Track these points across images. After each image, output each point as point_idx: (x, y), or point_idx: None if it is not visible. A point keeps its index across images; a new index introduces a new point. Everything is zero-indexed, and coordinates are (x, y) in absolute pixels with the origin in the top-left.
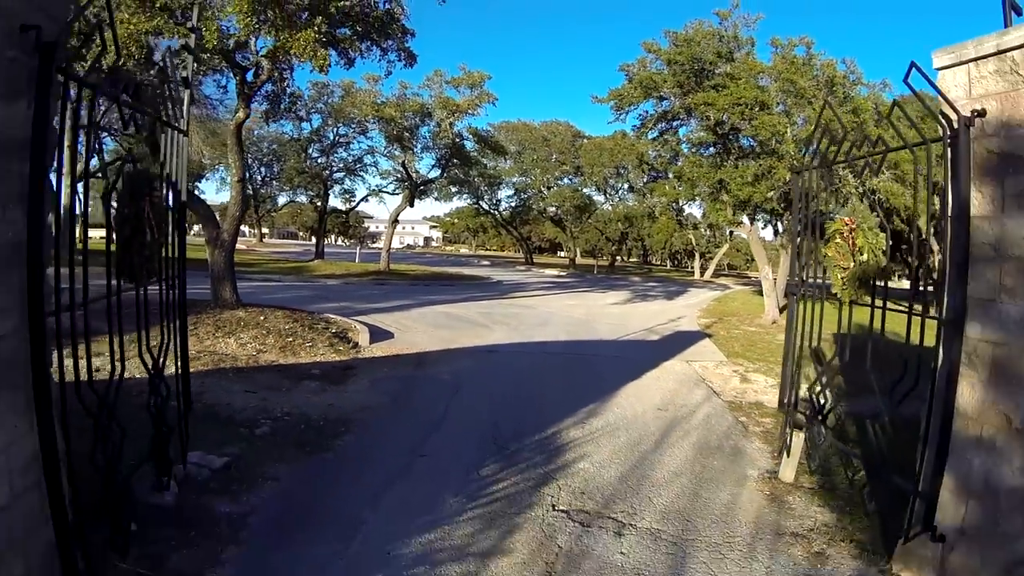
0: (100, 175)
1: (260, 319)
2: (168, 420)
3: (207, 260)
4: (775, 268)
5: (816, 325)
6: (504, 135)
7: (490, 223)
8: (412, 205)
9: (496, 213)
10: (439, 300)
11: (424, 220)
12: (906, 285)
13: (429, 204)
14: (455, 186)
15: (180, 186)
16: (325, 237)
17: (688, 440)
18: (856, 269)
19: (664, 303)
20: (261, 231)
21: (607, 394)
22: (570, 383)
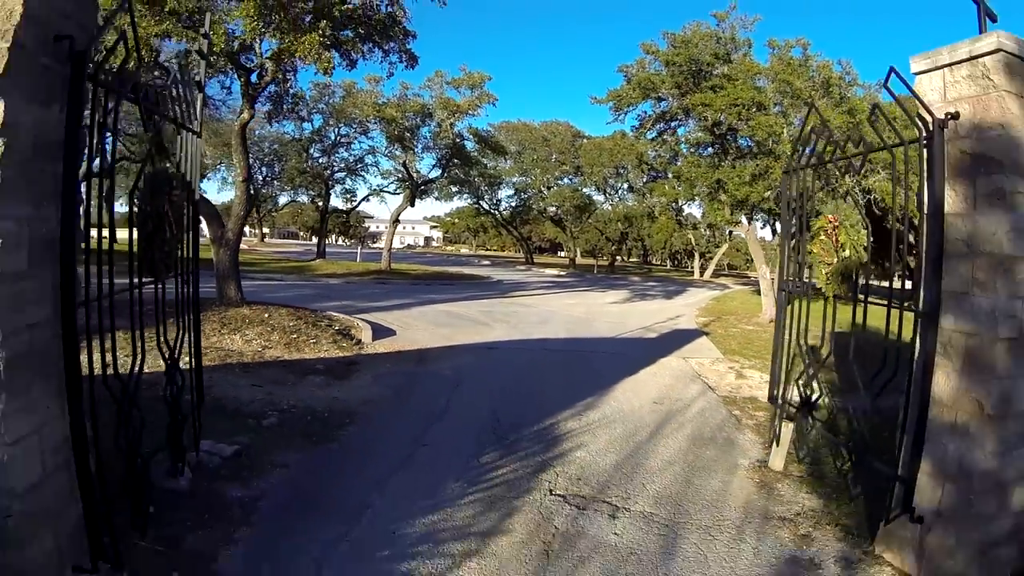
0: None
1: (264, 316)
2: (183, 409)
3: (212, 259)
4: (773, 268)
5: (805, 321)
6: (504, 135)
7: (490, 223)
8: (413, 205)
9: (496, 213)
10: (440, 299)
11: (425, 220)
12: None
13: (430, 204)
14: (455, 186)
15: (194, 185)
16: (326, 237)
17: (682, 432)
18: (839, 264)
19: (663, 302)
20: (262, 231)
21: (604, 389)
22: (569, 378)
